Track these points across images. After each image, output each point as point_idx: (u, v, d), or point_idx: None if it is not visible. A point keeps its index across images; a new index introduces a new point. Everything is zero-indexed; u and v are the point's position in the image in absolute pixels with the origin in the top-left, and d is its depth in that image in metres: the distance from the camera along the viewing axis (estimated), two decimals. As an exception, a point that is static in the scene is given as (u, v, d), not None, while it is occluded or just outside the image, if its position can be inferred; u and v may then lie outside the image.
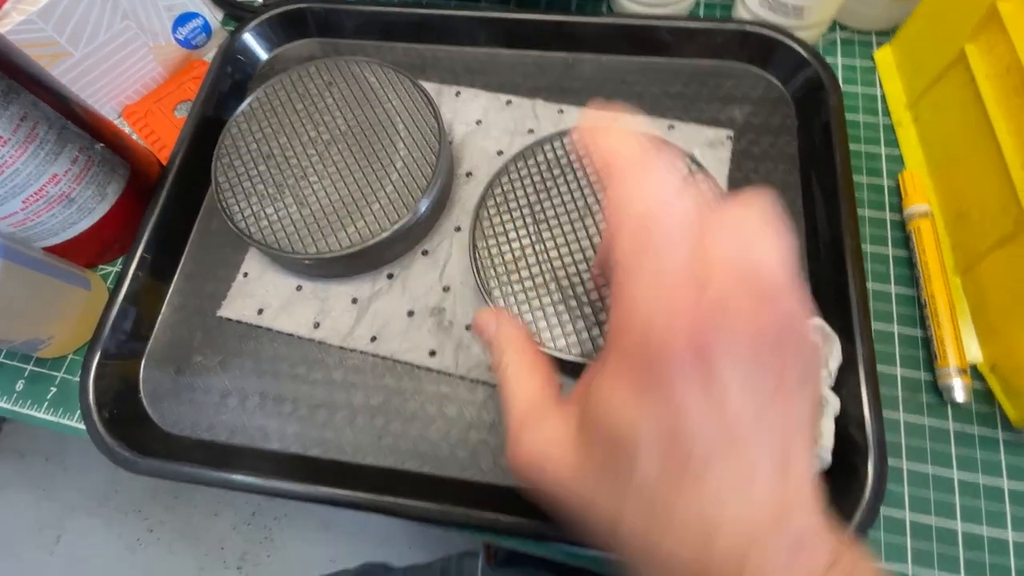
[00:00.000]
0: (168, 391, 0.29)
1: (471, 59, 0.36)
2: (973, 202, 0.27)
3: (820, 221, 0.29)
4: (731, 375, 0.14)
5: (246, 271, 0.31)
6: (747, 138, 0.32)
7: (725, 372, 0.14)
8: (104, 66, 0.34)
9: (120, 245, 0.33)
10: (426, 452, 0.27)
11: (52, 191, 0.27)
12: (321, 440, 0.27)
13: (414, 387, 0.28)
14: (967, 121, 0.27)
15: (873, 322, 0.28)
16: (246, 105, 0.32)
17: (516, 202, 0.29)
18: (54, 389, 0.30)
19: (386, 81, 0.32)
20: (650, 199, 0.16)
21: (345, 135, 0.31)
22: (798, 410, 0.15)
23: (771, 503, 0.14)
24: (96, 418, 0.27)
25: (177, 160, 0.32)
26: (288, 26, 0.37)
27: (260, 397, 0.28)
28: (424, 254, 0.31)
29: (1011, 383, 0.25)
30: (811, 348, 0.16)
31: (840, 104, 0.30)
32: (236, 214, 0.29)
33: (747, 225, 0.15)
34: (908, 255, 0.29)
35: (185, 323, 0.30)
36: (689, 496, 0.14)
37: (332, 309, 0.30)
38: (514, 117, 0.34)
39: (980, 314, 0.27)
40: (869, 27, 0.35)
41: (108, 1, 0.32)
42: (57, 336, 0.30)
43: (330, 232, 0.29)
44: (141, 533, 0.95)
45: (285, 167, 0.30)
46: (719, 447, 0.14)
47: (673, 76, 0.34)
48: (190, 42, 0.37)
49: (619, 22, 0.34)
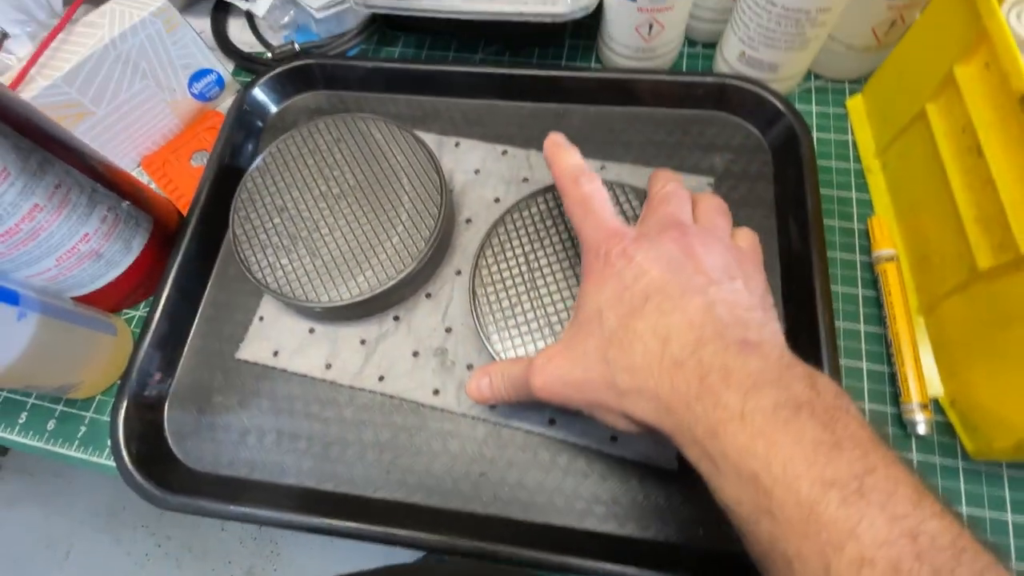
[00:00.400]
0: (191, 430, 0.31)
1: (469, 110, 0.38)
2: (934, 248, 0.30)
3: (794, 264, 0.32)
4: (645, 256, 0.22)
5: (262, 315, 0.33)
6: (727, 184, 0.34)
7: (639, 255, 0.22)
8: (125, 122, 0.37)
9: (144, 290, 0.35)
10: (432, 486, 0.29)
11: (83, 248, 0.30)
12: (334, 474, 0.30)
13: (419, 424, 0.30)
14: (928, 173, 0.30)
15: (843, 359, 0.31)
16: (260, 160, 0.34)
17: (512, 251, 0.31)
18: (84, 428, 0.33)
19: (391, 137, 0.34)
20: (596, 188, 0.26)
21: (353, 189, 0.33)
22: (711, 265, 0.22)
23: (710, 321, 0.20)
24: (126, 458, 0.29)
25: (196, 211, 0.34)
26: (296, 80, 0.39)
27: (277, 434, 0.31)
28: (427, 297, 0.33)
29: (969, 418, 0.28)
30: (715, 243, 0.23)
31: (812, 153, 0.33)
32: (253, 264, 0.32)
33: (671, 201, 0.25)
34: (876, 295, 0.32)
35: (206, 365, 0.33)
36: (641, 320, 0.21)
37: (342, 351, 0.32)
38: (510, 166, 0.36)
39: (941, 352, 0.29)
40: (842, 76, 0.38)
41: (129, 63, 0.35)
42: (86, 379, 0.32)
43: (340, 281, 0.31)
44: (149, 548, 0.97)
45: (298, 219, 0.32)
46: (652, 290, 0.21)
47: (657, 125, 0.36)
48: (205, 95, 0.40)
49: (606, 76, 0.36)
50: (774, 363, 0.19)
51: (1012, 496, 0.27)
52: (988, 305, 0.26)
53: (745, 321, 0.20)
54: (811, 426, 0.17)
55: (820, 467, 0.16)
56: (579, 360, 0.23)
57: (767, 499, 0.17)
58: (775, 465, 0.17)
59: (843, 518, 0.15)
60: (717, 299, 0.21)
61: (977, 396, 0.27)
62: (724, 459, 0.18)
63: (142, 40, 0.35)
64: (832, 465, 0.16)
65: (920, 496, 0.16)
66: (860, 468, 0.16)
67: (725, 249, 0.24)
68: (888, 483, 0.16)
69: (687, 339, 0.20)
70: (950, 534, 0.15)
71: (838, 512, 0.15)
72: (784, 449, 0.17)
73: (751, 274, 0.23)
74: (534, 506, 0.28)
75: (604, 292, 0.23)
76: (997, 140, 0.25)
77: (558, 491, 0.28)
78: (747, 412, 0.18)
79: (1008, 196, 0.24)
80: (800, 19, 0.31)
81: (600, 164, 0.36)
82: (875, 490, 0.16)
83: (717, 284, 0.22)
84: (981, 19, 0.25)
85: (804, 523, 0.16)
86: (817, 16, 0.31)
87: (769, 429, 0.17)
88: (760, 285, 0.24)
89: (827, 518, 0.16)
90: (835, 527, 0.15)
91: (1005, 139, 0.25)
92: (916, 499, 0.16)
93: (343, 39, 0.41)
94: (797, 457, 0.16)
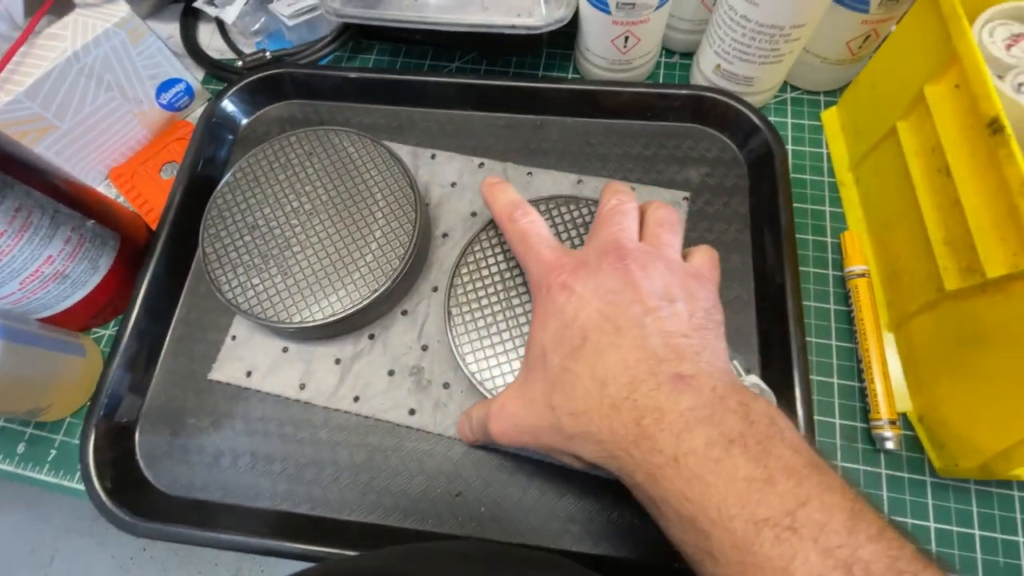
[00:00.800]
0: (164, 453, 0.31)
1: (445, 121, 0.38)
2: (904, 265, 0.30)
3: (768, 279, 0.32)
4: (584, 287, 0.23)
5: (234, 334, 0.33)
6: (703, 199, 0.34)
7: (578, 286, 0.23)
8: (91, 135, 0.36)
9: (113, 308, 0.34)
10: (408, 507, 0.29)
11: (47, 271, 0.29)
12: (309, 497, 0.30)
13: (395, 444, 0.30)
14: (899, 192, 0.30)
15: (815, 374, 0.31)
16: (230, 176, 0.33)
17: (488, 269, 0.31)
18: (54, 451, 0.32)
19: (364, 151, 0.34)
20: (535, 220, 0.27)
21: (326, 205, 0.33)
22: (649, 291, 0.22)
23: (644, 359, 0.20)
24: (96, 484, 0.29)
25: (165, 228, 0.34)
26: (268, 89, 0.38)
27: (251, 457, 0.30)
28: (403, 314, 0.33)
29: (936, 435, 0.28)
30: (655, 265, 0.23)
31: (786, 169, 0.33)
32: (224, 285, 0.31)
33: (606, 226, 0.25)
34: (848, 310, 0.32)
35: (178, 386, 0.32)
36: (580, 362, 0.21)
37: (317, 371, 0.32)
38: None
39: (910, 369, 0.30)
40: (817, 88, 0.38)
41: (93, 75, 0.34)
42: (55, 403, 0.31)
43: (313, 301, 0.31)
44: (134, 552, 0.96)
45: (270, 237, 0.32)
46: (590, 328, 0.22)
47: (634, 137, 0.36)
48: (174, 105, 0.39)
49: (583, 87, 0.36)
50: (707, 397, 0.19)
51: (979, 511, 0.28)
52: (955, 326, 0.26)
53: (680, 351, 0.20)
54: (743, 462, 0.17)
55: (753, 506, 0.16)
56: (529, 406, 0.23)
57: (707, 542, 0.17)
58: (711, 509, 0.17)
59: (777, 556, 0.16)
60: (653, 330, 0.21)
61: (944, 414, 0.28)
62: (664, 503, 0.18)
63: (106, 51, 0.34)
64: (765, 503, 0.16)
65: (855, 522, 0.16)
66: (792, 503, 0.16)
67: (666, 268, 0.23)
68: (822, 513, 0.16)
69: (622, 380, 0.20)
70: (887, 558, 0.15)
71: (772, 551, 0.16)
72: (718, 491, 0.17)
73: (694, 292, 0.23)
74: (510, 526, 0.28)
75: (548, 331, 0.23)
76: (965, 163, 0.25)
77: (534, 511, 0.28)
78: (680, 455, 0.18)
79: (975, 220, 0.24)
80: (774, 35, 0.31)
81: (577, 178, 0.35)
82: (808, 524, 0.16)
83: (654, 312, 0.21)
84: (952, 40, 0.25)
85: (742, 564, 0.16)
86: (791, 32, 0.31)
87: (702, 471, 0.17)
88: (704, 302, 0.23)
89: (762, 558, 0.16)
90: (770, 565, 0.16)
91: (973, 162, 0.25)
92: (851, 526, 0.16)
93: (316, 47, 0.40)
94: (730, 498, 0.17)
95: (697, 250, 0.26)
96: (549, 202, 0.32)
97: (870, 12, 0.31)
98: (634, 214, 0.26)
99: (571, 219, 0.31)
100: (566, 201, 0.32)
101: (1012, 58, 0.27)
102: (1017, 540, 0.27)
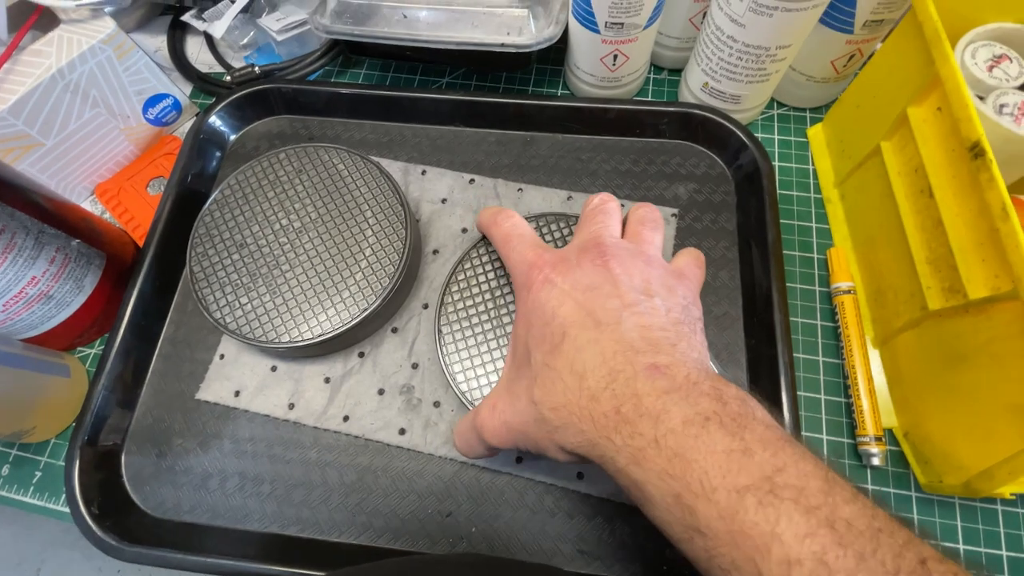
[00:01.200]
0: (150, 474, 0.30)
1: (436, 136, 0.38)
2: (888, 283, 0.30)
3: (756, 296, 0.32)
4: (564, 282, 0.23)
5: (222, 353, 0.33)
6: (691, 215, 0.35)
7: (559, 281, 0.23)
8: (76, 151, 0.35)
9: (98, 328, 0.34)
10: (398, 528, 0.29)
11: (31, 292, 0.29)
12: (298, 518, 0.29)
13: (385, 464, 0.30)
14: (883, 210, 0.30)
15: (802, 390, 0.31)
16: (218, 193, 0.33)
17: (479, 287, 0.31)
18: (39, 473, 0.32)
19: (354, 168, 0.33)
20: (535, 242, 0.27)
21: (316, 223, 0.32)
22: (628, 286, 0.22)
23: (621, 351, 0.21)
24: (82, 507, 0.28)
25: (152, 245, 0.33)
26: (256, 105, 0.38)
27: (240, 478, 0.30)
28: (394, 331, 0.33)
29: (920, 451, 0.28)
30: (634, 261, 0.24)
31: (774, 186, 0.33)
32: (212, 304, 0.31)
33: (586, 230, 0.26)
34: (835, 326, 0.32)
35: (165, 406, 0.32)
36: (560, 358, 0.22)
37: (306, 390, 0.32)
38: (477, 195, 0.36)
39: (895, 385, 0.30)
40: (802, 104, 0.38)
41: (78, 92, 0.34)
42: (40, 424, 0.31)
43: (303, 320, 0.30)
44: (121, 564, 0.95)
45: (258, 256, 0.32)
46: (569, 323, 0.22)
47: (623, 154, 0.36)
48: (161, 120, 0.38)
49: (572, 104, 0.36)
50: (680, 383, 0.19)
51: (963, 525, 0.28)
52: (939, 344, 0.27)
53: (656, 343, 0.21)
54: (720, 436, 0.18)
55: (734, 475, 0.17)
56: (515, 403, 0.23)
57: (693, 517, 0.17)
58: (693, 482, 0.17)
59: (762, 520, 0.16)
60: (630, 324, 0.21)
61: (929, 431, 0.28)
62: (649, 484, 0.18)
63: (91, 68, 0.33)
64: (744, 471, 0.17)
65: (830, 486, 0.16)
66: (770, 468, 0.17)
67: (646, 264, 0.24)
68: (799, 478, 0.16)
69: (601, 373, 0.20)
70: (864, 517, 0.16)
71: (757, 516, 0.16)
72: (698, 464, 0.17)
73: (672, 287, 0.24)
74: (501, 545, 0.28)
75: (531, 329, 0.24)
76: (948, 185, 0.26)
77: (525, 530, 0.28)
78: (660, 436, 0.18)
79: (957, 242, 0.25)
80: (761, 55, 0.31)
81: (567, 194, 0.36)
82: (787, 487, 0.16)
83: (632, 306, 0.22)
84: (935, 64, 0.26)
85: (729, 533, 0.16)
86: (777, 52, 0.31)
87: (682, 448, 0.18)
88: (683, 298, 0.24)
89: (748, 524, 0.16)
90: (757, 531, 0.16)
91: (956, 184, 0.25)
92: (827, 489, 0.16)
93: (306, 61, 0.40)
94: (711, 469, 0.17)
95: (683, 252, 0.27)
96: (539, 219, 0.32)
97: (854, 33, 0.32)
98: (617, 213, 0.27)
99: (560, 236, 0.31)
100: (556, 219, 0.32)
101: (993, 79, 0.27)
102: (1000, 554, 0.28)
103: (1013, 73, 0.27)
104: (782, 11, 0.28)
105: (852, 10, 0.31)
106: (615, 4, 0.31)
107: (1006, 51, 0.28)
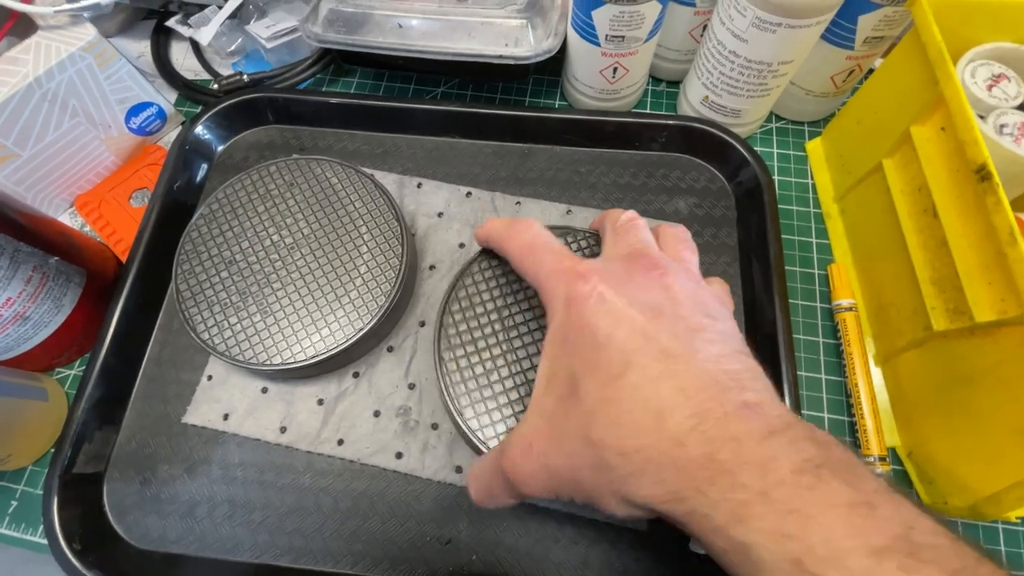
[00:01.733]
0: (134, 503, 0.29)
1: (431, 148, 0.37)
2: (891, 300, 0.30)
3: (758, 313, 0.32)
4: (616, 297, 0.19)
5: (210, 374, 0.31)
6: (692, 229, 0.34)
7: (609, 295, 0.20)
8: (54, 163, 0.34)
9: (78, 348, 0.32)
10: (396, 556, 0.28)
11: (6, 314, 0.27)
12: (291, 547, 0.28)
13: (382, 490, 0.29)
14: (885, 227, 0.30)
15: (805, 409, 0.31)
16: (206, 207, 0.32)
17: (483, 306, 0.28)
18: (15, 503, 0.30)
19: (348, 181, 0.32)
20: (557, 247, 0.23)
21: (308, 238, 0.31)
22: (691, 308, 0.20)
23: (705, 386, 0.18)
24: (61, 540, 0.27)
25: (136, 261, 0.32)
26: (245, 114, 0.37)
27: (229, 505, 0.29)
28: (389, 350, 0.32)
29: (924, 470, 0.28)
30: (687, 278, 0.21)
31: (774, 201, 0.33)
32: (199, 324, 0.30)
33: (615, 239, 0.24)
34: (837, 343, 0.32)
35: (149, 430, 0.30)
36: (623, 390, 0.18)
37: (299, 412, 0.30)
38: (474, 209, 0.35)
39: (898, 403, 0.30)
40: (801, 118, 0.38)
41: (56, 101, 0.32)
42: (15, 452, 0.29)
43: (295, 340, 0.29)
44: (100, 580, 0.92)
45: (248, 273, 0.31)
46: (632, 349, 0.18)
47: (623, 167, 0.36)
48: (144, 129, 0.37)
49: (570, 116, 0.36)
50: (776, 424, 0.17)
51: (964, 544, 0.28)
52: (944, 364, 0.27)
53: (739, 377, 0.18)
54: (838, 487, 0.15)
55: (865, 535, 0.15)
56: (561, 442, 0.20)
57: None
58: (817, 544, 0.15)
59: None
60: (704, 354, 0.18)
61: (933, 451, 0.28)
62: (758, 548, 0.16)
63: (71, 76, 0.32)
64: (876, 530, 0.15)
65: (957, 544, 0.15)
66: (900, 526, 0.15)
67: (696, 284, 0.21)
68: (932, 536, 0.15)
69: (684, 412, 0.17)
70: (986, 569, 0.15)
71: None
72: (821, 522, 0.15)
73: (724, 313, 0.21)
74: (503, 574, 0.27)
75: (577, 352, 0.20)
76: (953, 205, 0.25)
77: (527, 557, 0.28)
78: (769, 488, 0.16)
79: (963, 263, 0.24)
80: (762, 70, 0.31)
81: (566, 208, 0.35)
82: (924, 547, 0.15)
83: (701, 332, 0.19)
84: (939, 84, 0.26)
85: None
86: (779, 68, 0.31)
87: (798, 502, 0.15)
88: (735, 327, 0.21)
89: None
90: None
91: (961, 205, 0.25)
92: (957, 549, 0.15)
93: (296, 69, 0.39)
94: (837, 528, 0.15)
95: (713, 280, 0.25)
96: None
97: (855, 49, 0.32)
98: (648, 230, 0.24)
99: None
100: (563, 233, 0.30)
101: (993, 99, 0.27)
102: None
103: (1012, 93, 0.27)
104: (786, 27, 0.28)
105: (853, 27, 0.31)
106: (616, 17, 0.30)
107: (1004, 70, 0.28)
